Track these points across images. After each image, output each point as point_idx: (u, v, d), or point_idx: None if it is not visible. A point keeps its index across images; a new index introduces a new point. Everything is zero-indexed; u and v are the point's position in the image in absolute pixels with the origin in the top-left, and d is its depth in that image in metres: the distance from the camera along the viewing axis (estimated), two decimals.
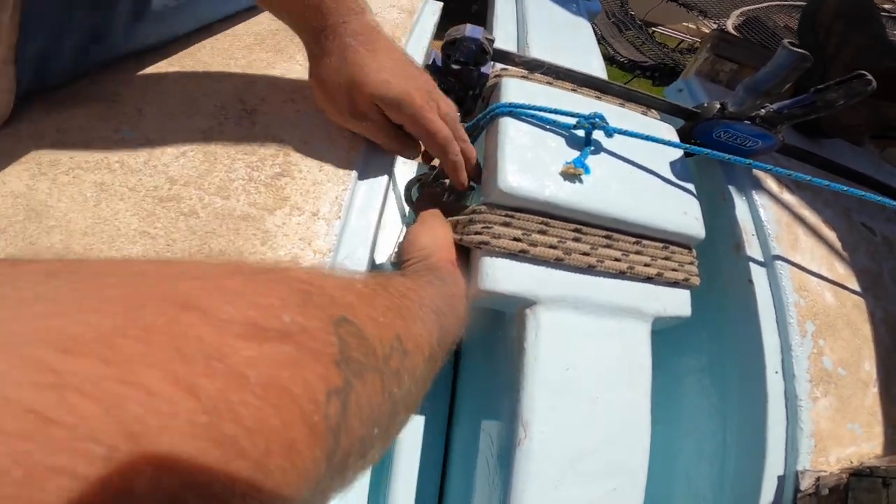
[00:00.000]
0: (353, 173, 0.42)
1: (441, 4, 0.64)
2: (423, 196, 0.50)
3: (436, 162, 0.44)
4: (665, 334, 0.44)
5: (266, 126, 0.43)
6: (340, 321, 0.15)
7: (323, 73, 0.40)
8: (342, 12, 0.38)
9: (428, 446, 0.53)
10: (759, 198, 0.54)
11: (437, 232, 0.39)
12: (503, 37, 0.64)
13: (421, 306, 0.24)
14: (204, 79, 0.46)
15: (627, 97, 0.51)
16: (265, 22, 0.54)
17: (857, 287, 0.54)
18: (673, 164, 0.47)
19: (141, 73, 0.46)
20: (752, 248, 0.51)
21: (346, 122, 0.41)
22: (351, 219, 0.40)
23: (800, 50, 0.42)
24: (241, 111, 0.44)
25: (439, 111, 0.40)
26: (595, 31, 0.75)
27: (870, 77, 0.42)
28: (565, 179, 0.40)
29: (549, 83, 0.49)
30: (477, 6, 1.21)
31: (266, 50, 0.50)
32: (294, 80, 0.48)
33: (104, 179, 0.39)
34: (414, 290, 0.25)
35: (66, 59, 0.42)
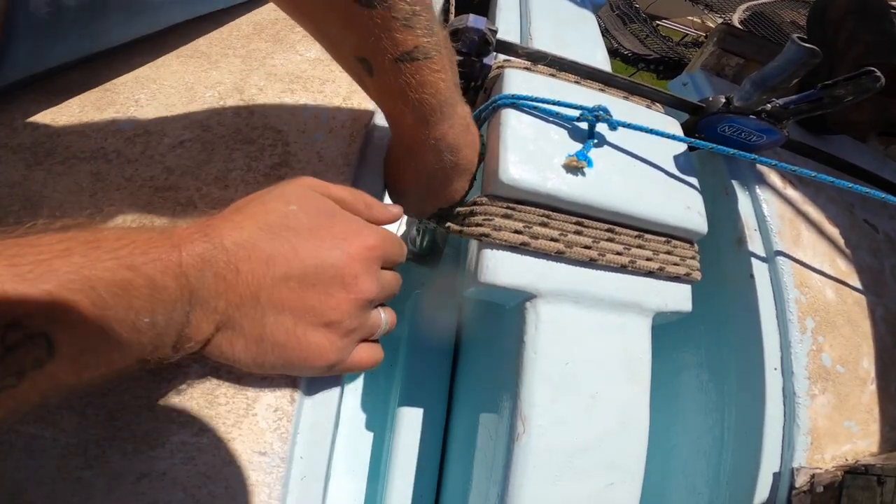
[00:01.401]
0: (352, 164, 0.41)
1: None
2: None
3: None
4: (664, 329, 0.44)
5: (264, 116, 0.43)
6: None
7: (417, 161, 0.39)
8: (448, 106, 0.35)
9: (426, 439, 0.53)
10: (762, 193, 0.54)
11: None
12: (506, 28, 0.63)
13: None
14: (202, 69, 0.45)
15: (631, 90, 0.51)
16: (264, 11, 0.53)
17: (858, 284, 0.54)
18: (676, 158, 0.46)
19: (138, 62, 0.45)
20: (754, 244, 0.51)
21: (399, 197, 0.42)
22: None
23: (809, 45, 0.42)
24: (240, 101, 0.43)
25: None
26: (599, 24, 0.74)
27: (879, 73, 0.41)
28: (568, 172, 0.40)
29: (553, 75, 0.48)
30: None
31: (265, 40, 0.50)
32: (293, 71, 0.47)
33: (100, 169, 0.39)
34: None
35: (59, 48, 0.41)
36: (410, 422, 0.53)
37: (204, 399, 0.33)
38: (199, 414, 0.32)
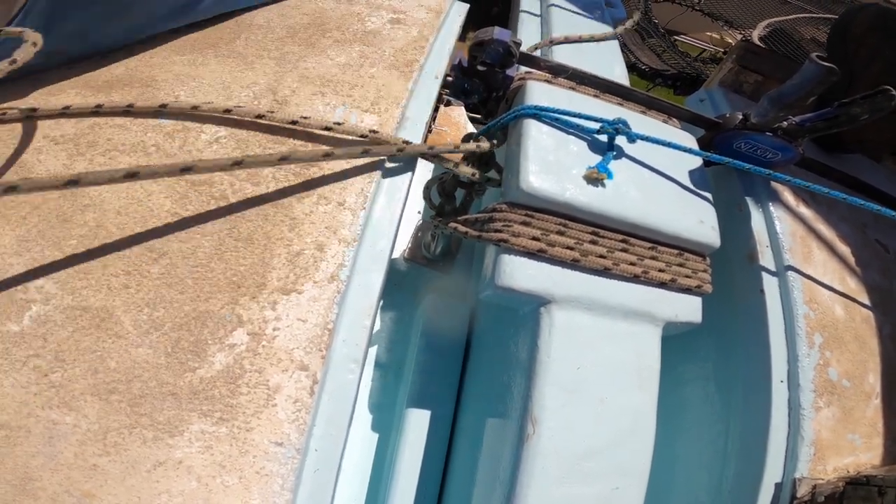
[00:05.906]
0: (379, 168, 0.43)
1: (467, 6, 0.65)
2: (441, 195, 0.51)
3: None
4: (672, 340, 0.45)
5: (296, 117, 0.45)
6: None
7: None
8: None
9: (432, 439, 0.54)
10: (775, 210, 0.55)
11: None
12: (527, 41, 0.64)
13: None
14: (238, 69, 0.47)
15: (649, 105, 0.52)
16: (297, 16, 0.55)
17: (867, 302, 0.54)
18: (692, 173, 0.47)
19: (178, 60, 0.47)
20: (766, 259, 0.52)
21: None
22: (375, 211, 0.41)
23: (827, 64, 0.43)
24: (273, 101, 0.45)
25: None
26: (618, 39, 0.75)
27: (894, 92, 0.42)
28: (588, 183, 0.41)
29: (573, 88, 0.50)
30: (497, 9, 1.21)
31: (297, 43, 0.52)
32: (323, 74, 0.49)
33: (139, 162, 0.41)
34: None
35: (97, 28, 0.43)
36: (417, 422, 0.54)
37: (227, 388, 0.34)
38: (222, 403, 0.33)
